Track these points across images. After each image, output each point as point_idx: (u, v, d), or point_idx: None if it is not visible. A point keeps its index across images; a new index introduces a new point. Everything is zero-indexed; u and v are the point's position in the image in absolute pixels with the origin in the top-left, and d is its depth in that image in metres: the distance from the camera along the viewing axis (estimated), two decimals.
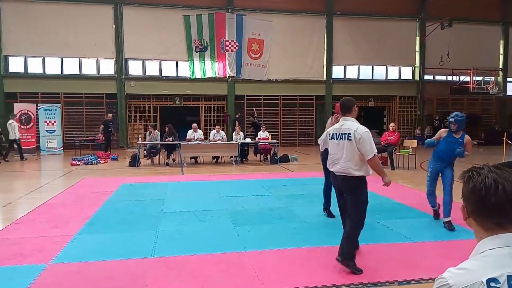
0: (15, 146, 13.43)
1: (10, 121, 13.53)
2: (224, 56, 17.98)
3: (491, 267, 1.05)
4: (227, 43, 17.84)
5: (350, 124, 3.88)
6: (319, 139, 4.75)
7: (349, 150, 3.82)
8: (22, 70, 17.09)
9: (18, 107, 15.05)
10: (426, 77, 20.39)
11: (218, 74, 18.10)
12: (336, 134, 3.97)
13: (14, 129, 13.32)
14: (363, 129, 3.81)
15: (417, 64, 20.15)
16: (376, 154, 3.80)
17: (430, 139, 5.58)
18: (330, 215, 5.76)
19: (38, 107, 15.64)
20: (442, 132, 5.46)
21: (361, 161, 3.81)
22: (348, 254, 3.77)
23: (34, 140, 15.15)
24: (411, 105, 20.32)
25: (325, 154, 4.72)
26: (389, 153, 10.85)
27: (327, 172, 5.19)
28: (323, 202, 5.92)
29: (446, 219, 5.16)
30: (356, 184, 3.86)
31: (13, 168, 11.77)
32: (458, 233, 4.86)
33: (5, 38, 16.44)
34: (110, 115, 15.87)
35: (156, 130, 12.75)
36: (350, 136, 3.81)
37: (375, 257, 4.15)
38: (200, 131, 12.87)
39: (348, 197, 3.94)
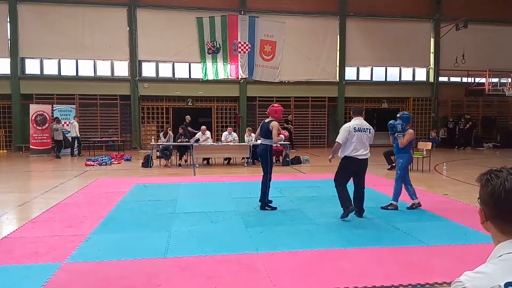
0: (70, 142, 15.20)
1: (72, 121, 15.32)
2: (236, 58, 18.03)
3: (509, 271, 1.02)
4: (240, 45, 17.88)
5: (366, 123, 5.76)
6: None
7: (368, 140, 5.68)
8: (38, 72, 17.39)
9: (34, 108, 15.31)
10: (441, 79, 20.12)
11: (230, 75, 18.15)
12: (359, 128, 5.61)
13: (75, 128, 15.08)
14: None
15: (432, 65, 19.91)
16: None
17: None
18: (273, 207, 6.31)
19: (54, 108, 15.90)
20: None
21: None
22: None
23: (49, 141, 15.38)
24: (425, 107, 20.07)
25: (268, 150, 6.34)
26: None
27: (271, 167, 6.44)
28: (265, 198, 6.33)
29: (392, 201, 6.27)
30: (368, 163, 5.77)
31: (29, 168, 11.98)
32: (473, 237, 4.78)
33: (22, 40, 16.75)
34: (188, 117, 15.95)
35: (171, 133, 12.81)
36: (370, 131, 5.71)
37: (389, 260, 4.11)
38: (208, 133, 12.88)
39: (363, 173, 5.78)
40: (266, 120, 6.49)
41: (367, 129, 5.67)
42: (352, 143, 5.54)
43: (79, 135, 15.33)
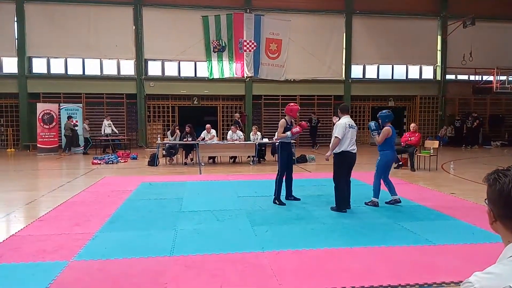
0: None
1: (104, 121, 16.13)
2: (242, 56, 18.01)
3: None
4: (245, 43, 17.87)
5: (352, 120, 6.31)
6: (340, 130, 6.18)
7: (355, 136, 6.20)
8: (45, 71, 17.50)
9: (41, 107, 15.42)
10: (448, 77, 19.95)
11: (236, 74, 18.14)
12: (350, 125, 6.15)
13: (106, 127, 16.07)
14: None
15: (439, 63, 19.76)
16: None
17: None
18: (282, 203, 6.57)
19: (60, 107, 16.00)
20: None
21: None
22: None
23: (56, 139, 15.49)
24: (432, 105, 19.93)
25: (288, 149, 6.73)
26: (410, 154, 10.66)
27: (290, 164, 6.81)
28: (279, 194, 6.60)
29: (373, 198, 6.42)
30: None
31: (37, 166, 12.07)
32: (481, 236, 4.74)
33: (29, 39, 16.87)
34: (237, 114, 15.84)
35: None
36: (356, 127, 6.27)
37: (396, 259, 4.09)
38: (213, 131, 12.88)
39: (353, 166, 6.28)
40: None
41: (354, 126, 6.30)
42: (347, 139, 6.07)
43: (111, 133, 16.06)
